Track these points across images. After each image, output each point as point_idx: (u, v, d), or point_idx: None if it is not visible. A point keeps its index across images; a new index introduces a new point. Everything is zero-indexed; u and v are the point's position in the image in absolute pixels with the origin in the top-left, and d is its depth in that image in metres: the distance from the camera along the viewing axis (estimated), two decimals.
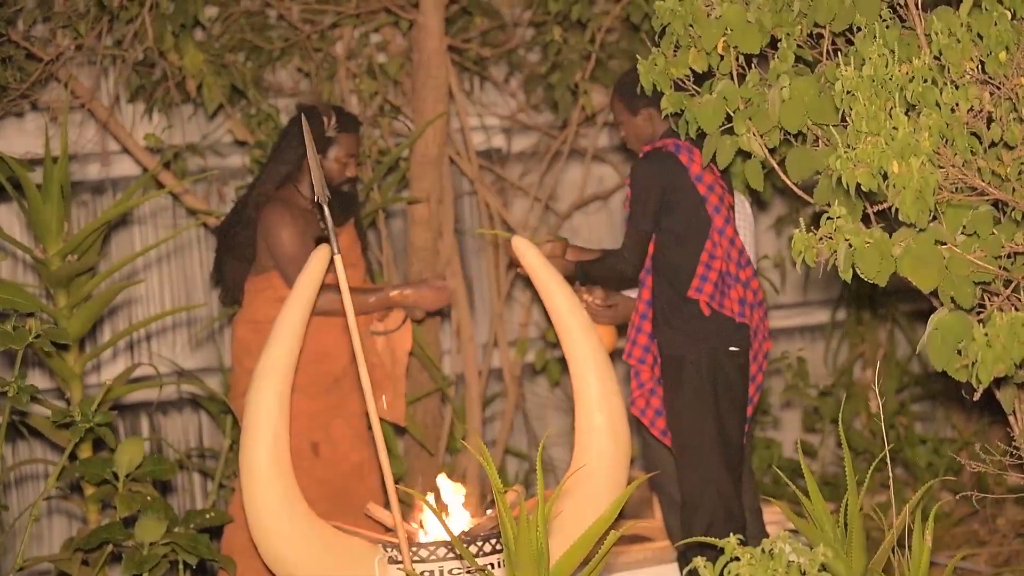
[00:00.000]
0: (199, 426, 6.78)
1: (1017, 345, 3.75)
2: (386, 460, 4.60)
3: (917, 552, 4.12)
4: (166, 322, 6.70)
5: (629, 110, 5.42)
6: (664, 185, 5.30)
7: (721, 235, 5.31)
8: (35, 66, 6.09)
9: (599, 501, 4.94)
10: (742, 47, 4.33)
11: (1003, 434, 4.58)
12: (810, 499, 4.16)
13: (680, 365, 5.30)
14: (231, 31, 6.50)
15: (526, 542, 4.08)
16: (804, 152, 4.30)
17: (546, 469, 6.96)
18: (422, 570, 4.82)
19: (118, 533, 5.22)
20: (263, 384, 5.09)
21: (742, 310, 5.31)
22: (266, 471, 4.99)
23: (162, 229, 6.69)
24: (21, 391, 4.99)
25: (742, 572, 3.62)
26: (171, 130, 6.60)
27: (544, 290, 5.32)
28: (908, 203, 3.78)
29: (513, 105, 7.17)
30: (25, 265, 6.42)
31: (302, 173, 5.65)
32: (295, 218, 5.59)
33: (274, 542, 4.99)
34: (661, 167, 5.32)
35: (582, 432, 5.23)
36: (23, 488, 6.46)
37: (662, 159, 5.33)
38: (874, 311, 7.57)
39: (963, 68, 3.89)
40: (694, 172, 5.29)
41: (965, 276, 3.91)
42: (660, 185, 5.31)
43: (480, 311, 7.13)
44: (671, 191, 5.30)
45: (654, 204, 5.31)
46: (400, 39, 6.78)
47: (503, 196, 7.12)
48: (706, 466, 5.26)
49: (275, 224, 5.59)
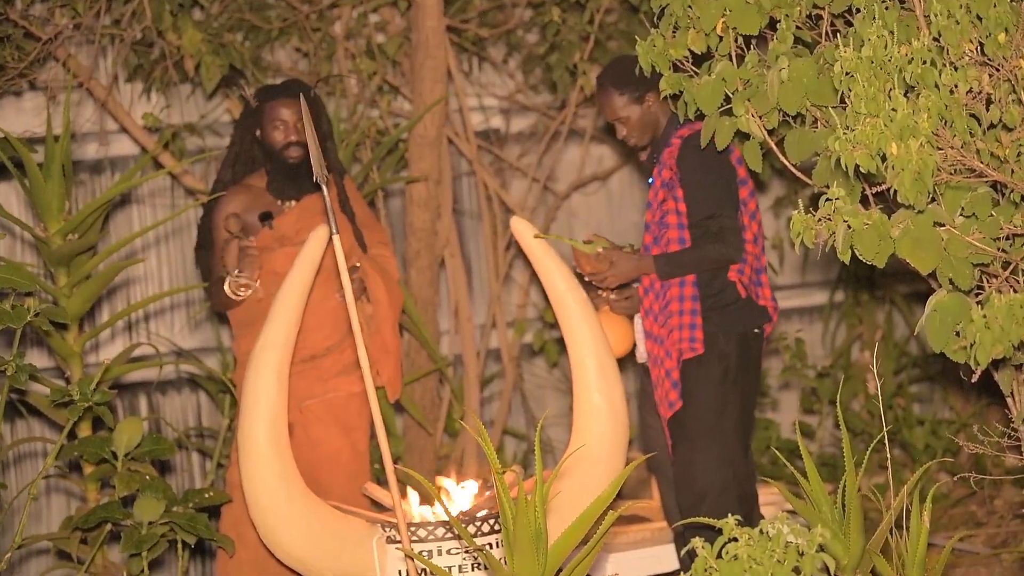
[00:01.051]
0: (198, 406, 6.78)
1: (1015, 327, 3.75)
2: (385, 440, 4.60)
3: (915, 533, 4.13)
4: (165, 302, 6.70)
5: (635, 100, 5.31)
6: (732, 160, 5.23)
7: (752, 219, 5.30)
8: (33, 45, 6.08)
9: (597, 481, 4.94)
10: (741, 28, 4.33)
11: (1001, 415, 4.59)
12: (808, 480, 4.17)
13: (713, 347, 5.26)
14: (229, 10, 6.49)
15: (524, 522, 4.09)
16: (803, 133, 4.30)
17: (544, 449, 6.97)
18: (420, 550, 4.82)
19: (117, 512, 5.23)
20: (261, 362, 5.09)
21: (773, 295, 5.34)
22: (264, 449, 5.00)
23: (161, 209, 6.68)
24: (20, 370, 4.99)
25: (740, 552, 3.63)
26: (169, 110, 6.60)
27: (543, 271, 5.33)
28: (907, 184, 3.78)
29: (512, 85, 7.17)
30: (24, 244, 6.42)
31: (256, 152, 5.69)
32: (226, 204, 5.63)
33: (271, 521, 5.00)
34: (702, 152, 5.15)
35: (580, 412, 5.24)
36: (22, 466, 6.47)
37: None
38: (872, 292, 7.58)
39: (962, 49, 3.89)
40: (736, 155, 5.24)
41: (964, 258, 3.92)
42: (731, 159, 5.23)
43: (478, 292, 7.13)
44: (735, 167, 5.25)
45: (734, 177, 5.23)
46: (399, 19, 6.77)
47: (501, 176, 7.11)
48: (727, 449, 5.25)
49: (213, 209, 5.67)
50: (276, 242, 5.61)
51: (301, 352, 5.49)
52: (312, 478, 5.42)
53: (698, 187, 5.21)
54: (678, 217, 5.25)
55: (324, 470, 5.58)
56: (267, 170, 5.68)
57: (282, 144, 5.61)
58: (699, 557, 3.67)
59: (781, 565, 3.62)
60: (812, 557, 3.63)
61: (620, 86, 5.30)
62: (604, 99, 5.38)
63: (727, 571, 3.62)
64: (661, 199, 5.27)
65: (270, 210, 5.63)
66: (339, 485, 5.56)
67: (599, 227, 7.34)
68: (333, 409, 5.64)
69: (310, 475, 5.42)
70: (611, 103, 5.36)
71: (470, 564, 4.86)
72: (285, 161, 5.61)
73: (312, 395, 5.61)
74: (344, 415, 5.66)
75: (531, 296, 7.09)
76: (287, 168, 5.62)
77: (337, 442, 5.63)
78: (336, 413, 5.65)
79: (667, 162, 5.25)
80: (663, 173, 5.26)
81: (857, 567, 4.11)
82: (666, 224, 5.26)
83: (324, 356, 5.61)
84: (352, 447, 5.66)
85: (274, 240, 5.61)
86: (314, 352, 5.59)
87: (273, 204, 5.65)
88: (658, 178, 5.29)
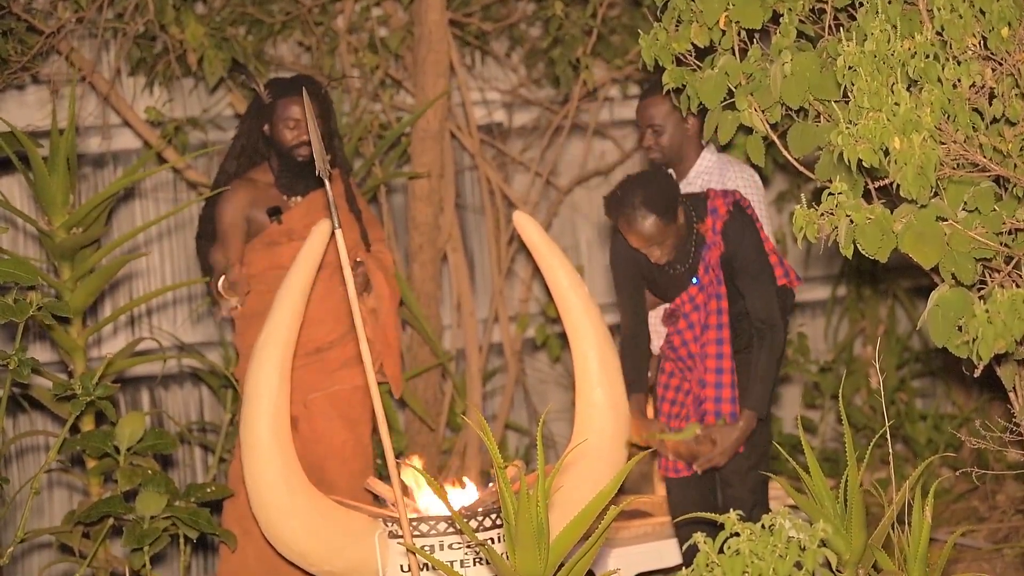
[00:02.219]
0: (200, 400, 6.79)
1: (1018, 321, 3.75)
2: (387, 435, 4.60)
3: (917, 528, 4.13)
4: (167, 296, 6.70)
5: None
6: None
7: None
8: (36, 39, 6.08)
9: (599, 476, 4.95)
10: (744, 22, 4.32)
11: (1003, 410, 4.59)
12: (810, 475, 4.17)
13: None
14: (232, 4, 6.48)
15: (526, 517, 4.09)
16: (806, 128, 4.30)
17: (546, 444, 6.97)
18: (422, 545, 4.82)
19: (119, 506, 5.23)
20: (264, 356, 5.09)
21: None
22: (266, 443, 5.00)
23: (163, 203, 6.69)
24: (22, 364, 4.99)
25: (742, 547, 3.63)
26: (172, 103, 6.60)
27: (545, 265, 5.32)
28: (909, 179, 3.78)
29: (514, 79, 7.16)
30: (27, 237, 6.42)
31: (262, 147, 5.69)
32: (234, 197, 5.62)
33: (273, 515, 5.00)
34: (752, 224, 5.18)
35: (582, 407, 5.24)
36: (24, 461, 6.47)
37: (749, 214, 5.21)
38: (875, 287, 7.57)
39: (965, 44, 3.88)
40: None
41: (966, 252, 3.91)
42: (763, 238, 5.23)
43: (481, 286, 7.13)
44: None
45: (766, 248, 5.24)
46: (401, 13, 6.77)
47: (504, 171, 7.11)
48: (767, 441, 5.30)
49: (217, 202, 5.66)
50: (284, 236, 5.61)
51: (305, 346, 5.49)
52: (317, 472, 5.43)
53: (749, 265, 5.16)
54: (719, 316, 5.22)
55: (329, 464, 5.58)
56: (272, 166, 5.68)
57: (293, 143, 5.61)
58: (701, 552, 3.67)
59: (783, 560, 3.62)
60: (814, 552, 3.63)
61: (656, 210, 5.03)
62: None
63: (729, 566, 3.62)
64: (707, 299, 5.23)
65: (277, 205, 5.63)
66: (344, 479, 5.57)
67: (602, 221, 7.34)
68: (337, 402, 5.65)
69: (315, 469, 5.43)
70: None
71: (472, 559, 4.86)
72: (294, 159, 5.61)
73: (316, 389, 5.61)
74: (348, 408, 5.66)
75: (533, 291, 7.09)
76: (295, 165, 5.62)
77: (341, 435, 5.64)
78: (340, 407, 5.65)
79: (710, 238, 5.17)
80: (709, 258, 5.16)
81: (859, 562, 4.10)
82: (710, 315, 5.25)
83: (328, 350, 5.62)
84: (356, 441, 5.67)
85: (282, 235, 5.61)
86: (318, 346, 5.60)
87: (279, 199, 5.65)
88: (705, 275, 5.20)
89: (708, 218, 5.15)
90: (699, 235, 5.16)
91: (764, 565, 3.60)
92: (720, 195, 5.18)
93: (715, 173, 5.42)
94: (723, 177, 5.40)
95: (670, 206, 5.02)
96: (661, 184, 5.02)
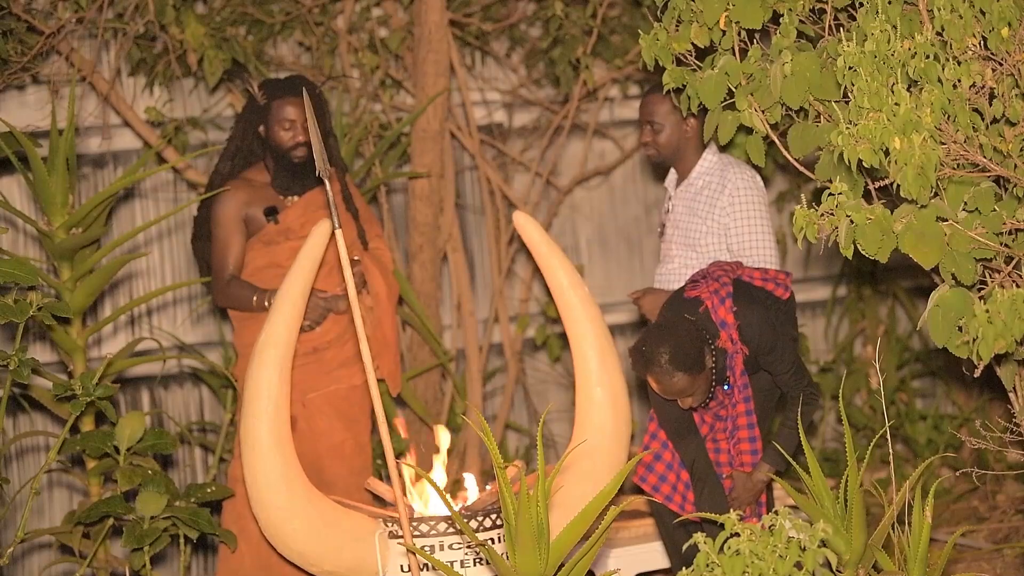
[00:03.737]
0: (200, 400, 6.78)
1: (1018, 322, 3.75)
2: (387, 434, 4.60)
3: (917, 528, 4.13)
4: (167, 297, 6.70)
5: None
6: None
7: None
8: (36, 39, 6.07)
9: (599, 476, 4.95)
10: (744, 22, 4.32)
11: (1003, 411, 4.59)
12: (810, 475, 4.17)
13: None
14: (232, 4, 6.48)
15: (526, 517, 4.09)
16: (806, 128, 4.30)
17: (546, 444, 6.97)
18: (422, 545, 4.82)
19: (119, 507, 5.23)
20: (264, 356, 5.09)
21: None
22: (266, 443, 5.00)
23: (163, 203, 6.68)
24: (22, 364, 4.99)
25: (742, 547, 3.63)
26: (172, 104, 6.60)
27: (545, 265, 5.32)
28: (910, 179, 3.78)
29: (514, 80, 7.16)
30: (27, 238, 6.42)
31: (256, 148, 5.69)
32: (232, 198, 5.62)
33: (273, 515, 5.00)
34: (767, 307, 5.13)
35: (582, 407, 5.24)
36: (24, 461, 6.47)
37: (762, 293, 5.17)
38: (875, 287, 7.57)
39: (965, 44, 3.88)
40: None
41: (966, 252, 3.91)
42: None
43: (481, 286, 7.13)
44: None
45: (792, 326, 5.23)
46: (401, 13, 6.77)
47: (504, 171, 7.11)
48: None
49: (214, 203, 5.66)
50: (281, 236, 5.61)
51: (304, 345, 5.50)
52: (316, 472, 5.43)
53: (769, 339, 5.10)
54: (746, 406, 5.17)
55: (328, 463, 5.58)
56: (268, 166, 5.68)
57: (289, 145, 5.60)
58: (701, 552, 3.67)
59: (783, 560, 3.62)
60: (814, 552, 3.63)
61: (684, 368, 4.93)
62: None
63: (729, 566, 3.63)
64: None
65: (274, 205, 5.63)
66: (343, 479, 5.57)
67: (601, 221, 7.34)
68: (335, 401, 5.65)
69: (314, 469, 5.43)
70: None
71: (472, 559, 4.86)
72: (290, 160, 5.61)
73: (315, 388, 5.61)
74: (346, 407, 5.66)
75: (533, 291, 7.08)
76: (291, 166, 5.62)
77: (340, 434, 5.64)
78: (338, 405, 5.65)
79: (736, 371, 5.11)
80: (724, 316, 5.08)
81: (859, 562, 4.11)
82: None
83: (326, 349, 5.62)
84: (355, 440, 5.67)
85: (279, 234, 5.62)
86: (316, 345, 5.60)
87: (275, 198, 5.65)
88: (733, 379, 5.13)
89: (722, 332, 5.05)
90: (719, 350, 5.05)
91: (764, 565, 3.60)
92: (714, 297, 5.07)
93: (716, 174, 5.43)
94: (723, 177, 5.40)
95: (698, 359, 4.92)
96: (684, 338, 4.89)
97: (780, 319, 5.15)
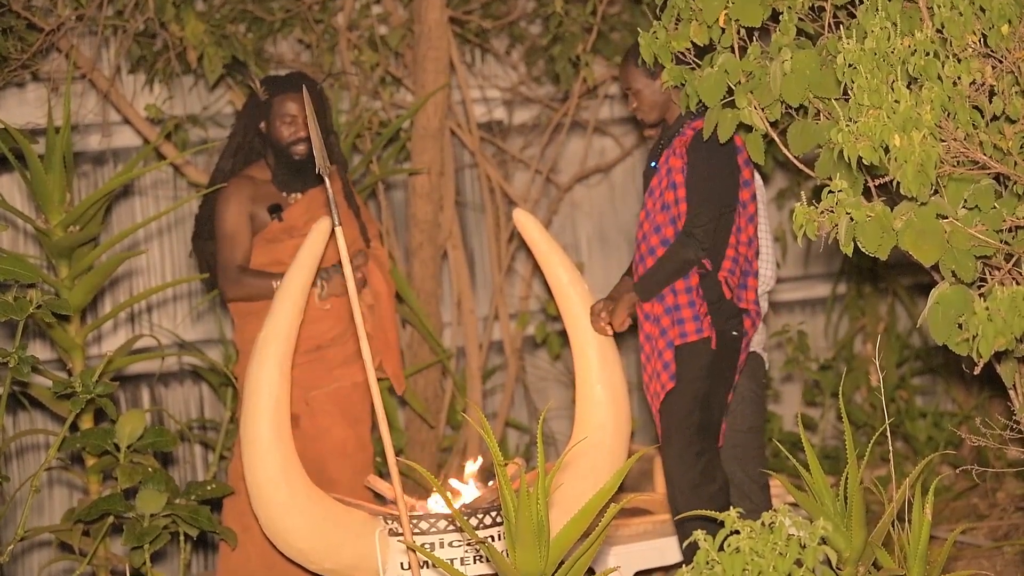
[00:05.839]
0: (200, 398, 6.78)
1: (1018, 319, 3.75)
2: (387, 432, 4.60)
3: (917, 526, 4.13)
4: (167, 294, 6.70)
5: (650, 75, 5.17)
6: (738, 160, 5.14)
7: (750, 222, 5.20)
8: (36, 36, 6.07)
9: (600, 474, 4.95)
10: (743, 20, 4.32)
11: (1003, 408, 4.59)
12: (810, 472, 4.17)
13: (706, 344, 5.11)
14: (232, 1, 6.48)
15: (526, 515, 4.09)
16: (805, 125, 4.30)
17: (547, 442, 6.97)
18: (423, 542, 4.82)
19: (119, 504, 5.23)
20: (264, 352, 5.09)
21: (757, 299, 5.21)
22: (266, 441, 5.00)
23: (163, 200, 6.68)
24: (22, 362, 4.99)
25: (742, 545, 3.63)
26: (172, 101, 6.60)
27: (545, 263, 5.32)
28: (909, 177, 3.78)
29: (514, 77, 7.16)
30: (26, 235, 6.42)
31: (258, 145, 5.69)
32: (237, 194, 5.61)
33: (273, 513, 5.00)
34: (733, 142, 5.02)
35: (582, 405, 5.24)
36: (24, 459, 6.47)
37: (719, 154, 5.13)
38: (875, 285, 7.57)
39: (965, 41, 3.88)
40: (744, 156, 5.15)
41: (966, 250, 3.91)
42: (737, 160, 5.13)
43: (481, 284, 7.13)
44: (740, 169, 5.15)
45: (736, 179, 5.13)
46: (401, 10, 6.76)
47: (504, 168, 7.11)
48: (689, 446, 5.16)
49: (218, 200, 5.64)
50: (284, 233, 5.61)
51: (306, 343, 5.50)
52: (319, 470, 5.44)
53: (700, 181, 5.10)
54: (672, 211, 5.17)
55: (331, 461, 5.58)
56: (269, 163, 5.68)
57: (290, 140, 5.60)
58: (701, 550, 3.67)
59: (783, 558, 3.62)
60: (814, 549, 3.63)
61: (638, 57, 5.03)
62: (623, 67, 5.36)
63: (729, 563, 3.63)
64: (664, 186, 5.20)
65: (277, 202, 5.63)
66: (346, 477, 5.57)
67: (602, 219, 7.34)
68: (337, 399, 5.65)
69: (317, 467, 5.43)
70: (628, 73, 5.32)
71: (472, 557, 4.86)
72: (291, 156, 5.61)
73: (317, 386, 5.61)
74: (348, 405, 5.66)
75: (534, 288, 7.09)
76: (292, 162, 5.62)
77: (342, 432, 5.64)
78: (340, 403, 5.65)
79: (678, 150, 5.17)
80: (671, 160, 5.18)
81: (859, 559, 4.11)
82: (664, 211, 5.20)
83: (328, 347, 5.62)
84: (357, 438, 5.67)
85: (282, 232, 5.62)
86: (319, 343, 5.60)
87: (278, 196, 5.65)
88: (664, 165, 5.20)
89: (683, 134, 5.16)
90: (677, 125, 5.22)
91: (764, 563, 3.60)
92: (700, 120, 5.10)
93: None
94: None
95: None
96: None
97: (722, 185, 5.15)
